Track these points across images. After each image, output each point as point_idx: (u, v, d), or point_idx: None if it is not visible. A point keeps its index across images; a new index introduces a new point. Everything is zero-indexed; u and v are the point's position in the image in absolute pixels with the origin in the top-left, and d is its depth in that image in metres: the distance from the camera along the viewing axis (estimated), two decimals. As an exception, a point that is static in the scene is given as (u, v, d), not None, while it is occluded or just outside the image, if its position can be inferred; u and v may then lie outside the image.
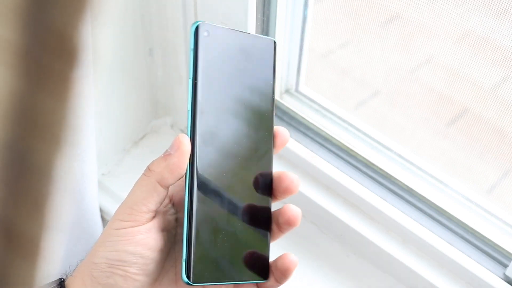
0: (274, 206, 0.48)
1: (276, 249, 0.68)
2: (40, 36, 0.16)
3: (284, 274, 0.45)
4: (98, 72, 0.57)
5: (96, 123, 0.60)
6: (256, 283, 0.45)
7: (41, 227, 0.18)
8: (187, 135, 0.42)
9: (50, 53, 0.16)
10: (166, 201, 0.44)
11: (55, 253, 0.19)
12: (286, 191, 0.45)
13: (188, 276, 0.40)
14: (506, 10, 0.49)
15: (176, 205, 0.45)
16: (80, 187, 0.58)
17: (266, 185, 0.45)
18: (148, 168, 0.42)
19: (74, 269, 0.43)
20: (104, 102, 0.67)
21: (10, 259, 0.18)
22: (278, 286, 0.46)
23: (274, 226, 0.46)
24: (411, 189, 0.63)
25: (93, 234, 0.65)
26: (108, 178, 0.73)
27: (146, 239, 0.40)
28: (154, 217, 0.41)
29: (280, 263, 0.45)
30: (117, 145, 0.75)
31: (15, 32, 0.15)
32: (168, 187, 0.41)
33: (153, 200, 0.41)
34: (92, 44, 0.17)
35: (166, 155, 0.41)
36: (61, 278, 0.42)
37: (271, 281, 0.45)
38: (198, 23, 0.42)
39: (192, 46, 0.42)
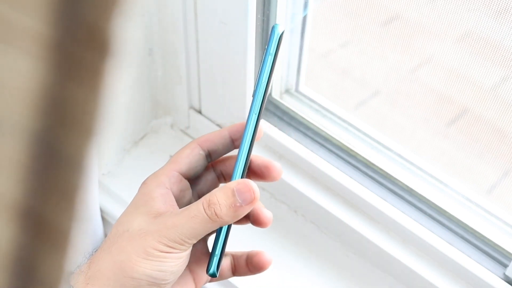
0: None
1: (276, 249, 0.68)
2: (73, 29, 0.16)
3: (258, 270, 0.49)
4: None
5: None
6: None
7: (70, 217, 0.18)
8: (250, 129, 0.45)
9: (81, 45, 0.16)
10: None
11: (81, 242, 0.19)
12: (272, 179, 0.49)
13: (218, 269, 0.46)
14: (506, 10, 0.49)
15: None
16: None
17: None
18: (216, 213, 0.41)
19: (78, 270, 0.42)
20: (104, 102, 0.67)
21: (40, 250, 0.18)
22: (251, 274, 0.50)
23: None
24: (411, 189, 0.63)
25: (93, 234, 0.65)
26: (108, 178, 0.73)
27: (186, 260, 0.43)
28: None
29: (256, 260, 0.49)
30: (117, 145, 0.75)
31: (47, 25, 0.15)
32: None
33: (204, 235, 0.43)
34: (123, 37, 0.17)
35: (238, 206, 0.42)
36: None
37: (243, 269, 0.50)
38: (278, 26, 0.45)
39: (271, 50, 0.45)
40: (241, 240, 0.63)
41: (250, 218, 0.49)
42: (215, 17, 0.61)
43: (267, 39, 0.46)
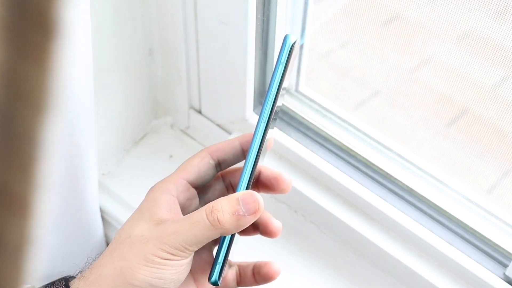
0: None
1: (276, 249, 0.68)
2: (22, 9, 0.17)
3: (265, 280, 0.49)
4: (98, 72, 0.57)
5: (96, 123, 0.60)
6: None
7: (29, 186, 0.19)
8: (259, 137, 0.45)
9: (30, 25, 0.17)
10: None
11: (46, 211, 0.21)
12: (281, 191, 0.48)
13: (220, 278, 0.44)
14: (506, 10, 0.49)
15: None
16: (81, 186, 0.58)
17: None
18: (218, 219, 0.41)
19: (80, 275, 0.42)
20: (104, 102, 0.67)
21: (2, 217, 0.19)
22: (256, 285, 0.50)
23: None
24: (411, 189, 0.63)
25: (93, 234, 0.65)
26: (108, 178, 0.73)
27: (187, 267, 0.42)
28: None
29: (265, 270, 0.49)
30: (117, 145, 0.75)
31: (1, 5, 0.17)
32: None
33: (205, 243, 0.42)
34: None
35: (241, 215, 0.41)
36: (66, 278, 0.42)
37: (249, 280, 0.49)
38: (290, 36, 0.45)
39: (282, 60, 0.45)
40: (241, 240, 0.63)
41: (259, 228, 0.49)
42: (215, 17, 0.61)
43: (279, 49, 0.46)
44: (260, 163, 0.46)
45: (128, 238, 0.42)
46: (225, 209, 0.41)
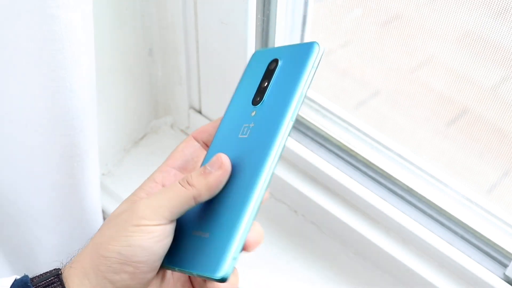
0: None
1: (276, 249, 0.68)
2: None
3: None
4: (98, 72, 0.57)
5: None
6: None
7: None
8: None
9: None
10: None
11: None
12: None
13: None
14: (506, 10, 0.49)
15: None
16: (82, 187, 0.58)
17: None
18: (187, 181, 0.42)
19: (71, 260, 0.43)
20: (104, 102, 0.67)
21: None
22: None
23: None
24: (411, 189, 0.63)
25: (93, 234, 0.65)
26: (108, 178, 0.73)
27: (158, 237, 0.41)
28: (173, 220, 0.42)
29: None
30: (117, 145, 0.75)
31: None
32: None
33: (182, 211, 0.41)
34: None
35: (207, 173, 0.42)
36: (58, 269, 0.42)
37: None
38: (319, 45, 0.44)
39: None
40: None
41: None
42: (215, 17, 0.61)
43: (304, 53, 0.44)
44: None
45: (108, 218, 0.43)
46: (194, 172, 0.42)
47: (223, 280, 0.39)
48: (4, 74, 0.48)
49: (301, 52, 0.44)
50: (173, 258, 0.43)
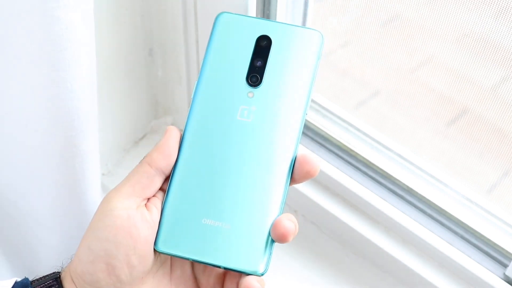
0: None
1: (276, 249, 0.68)
2: None
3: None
4: (98, 72, 0.57)
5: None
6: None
7: None
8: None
9: None
10: None
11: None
12: (307, 175, 0.41)
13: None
14: (506, 10, 0.49)
15: None
16: (82, 187, 0.58)
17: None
18: (149, 154, 0.42)
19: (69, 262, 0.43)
20: (104, 102, 0.67)
21: None
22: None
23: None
24: (411, 189, 0.63)
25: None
26: (108, 178, 0.73)
27: (130, 219, 0.39)
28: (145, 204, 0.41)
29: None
30: (117, 145, 0.75)
31: None
32: (162, 173, 0.41)
33: (145, 185, 0.40)
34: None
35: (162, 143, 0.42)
36: (57, 273, 0.42)
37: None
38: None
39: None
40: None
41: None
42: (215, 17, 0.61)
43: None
44: None
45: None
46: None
47: (262, 274, 0.38)
48: (4, 74, 0.48)
49: (305, 40, 0.42)
50: (185, 247, 0.39)
